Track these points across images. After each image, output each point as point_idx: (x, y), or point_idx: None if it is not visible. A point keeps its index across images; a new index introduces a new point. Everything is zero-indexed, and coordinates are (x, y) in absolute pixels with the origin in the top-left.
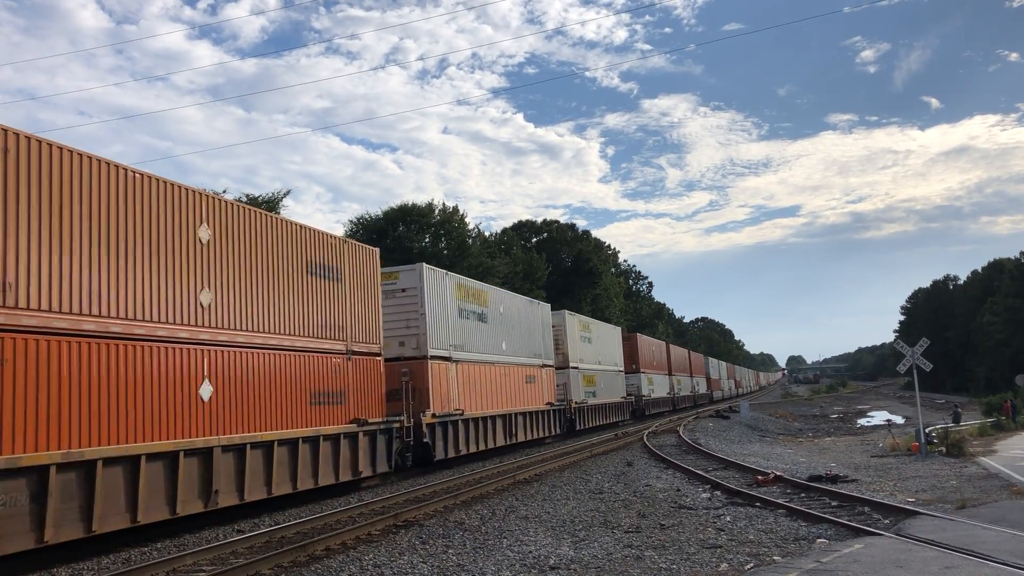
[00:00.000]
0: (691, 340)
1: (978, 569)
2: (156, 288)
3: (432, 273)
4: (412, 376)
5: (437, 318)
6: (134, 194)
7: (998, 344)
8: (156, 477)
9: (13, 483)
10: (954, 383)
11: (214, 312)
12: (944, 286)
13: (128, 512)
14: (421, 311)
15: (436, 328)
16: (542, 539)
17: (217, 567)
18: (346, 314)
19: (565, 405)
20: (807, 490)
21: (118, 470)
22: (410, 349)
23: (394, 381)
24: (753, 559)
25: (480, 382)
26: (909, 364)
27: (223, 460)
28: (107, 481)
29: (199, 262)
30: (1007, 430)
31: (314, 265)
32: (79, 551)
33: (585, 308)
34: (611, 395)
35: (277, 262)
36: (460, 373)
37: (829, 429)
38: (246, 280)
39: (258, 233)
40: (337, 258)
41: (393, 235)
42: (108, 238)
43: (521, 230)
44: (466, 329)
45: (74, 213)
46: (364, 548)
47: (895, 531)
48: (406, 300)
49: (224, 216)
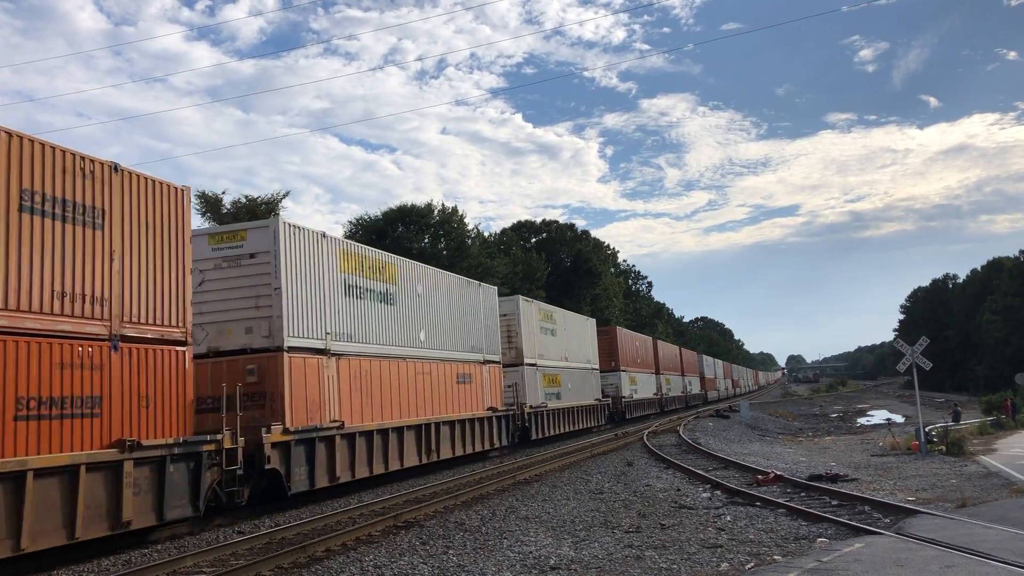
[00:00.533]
0: (691, 340)
1: (979, 568)
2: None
3: (297, 234)
4: (261, 375)
5: (305, 296)
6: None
7: (997, 343)
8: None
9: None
10: (954, 382)
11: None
12: (943, 285)
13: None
14: (276, 285)
15: (302, 309)
16: (542, 539)
17: (217, 568)
18: (111, 279)
19: (514, 411)
20: (807, 489)
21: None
22: (259, 338)
23: (238, 383)
24: (753, 559)
25: (381, 384)
26: (909, 363)
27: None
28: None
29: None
30: (1007, 429)
31: (39, 197)
32: (81, 553)
33: (584, 308)
34: (581, 397)
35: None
36: (345, 372)
37: (829, 428)
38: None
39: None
40: (95, 192)
41: (392, 236)
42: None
43: (520, 230)
44: (358, 313)
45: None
46: (364, 549)
47: (895, 530)
48: (255, 270)
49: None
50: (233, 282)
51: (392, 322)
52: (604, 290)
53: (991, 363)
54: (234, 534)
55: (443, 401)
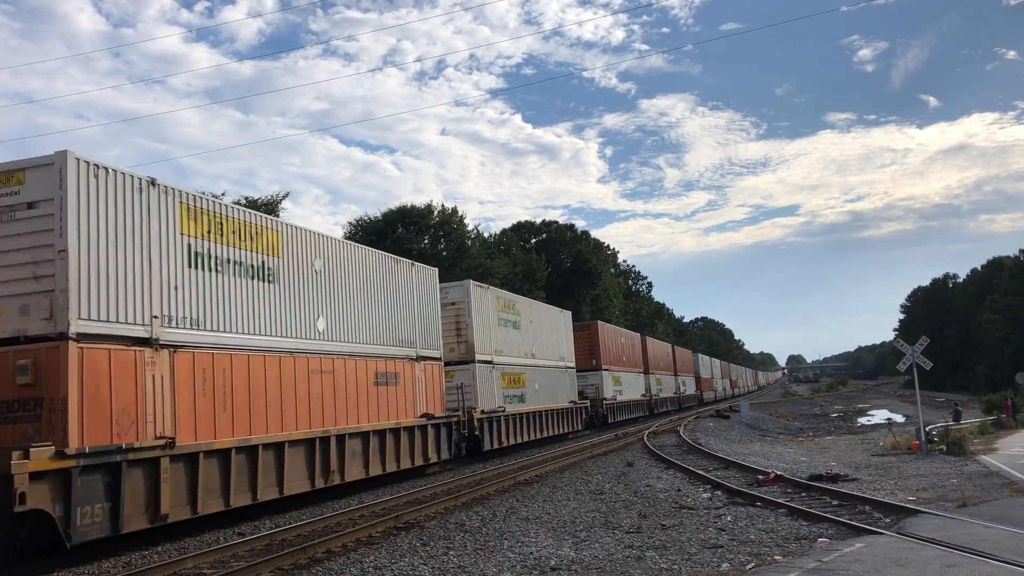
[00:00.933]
0: (691, 340)
1: (979, 567)
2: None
3: (104, 177)
4: (37, 374)
5: (114, 263)
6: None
7: (998, 342)
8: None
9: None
10: (954, 381)
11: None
12: (943, 284)
13: None
14: (61, 247)
15: (106, 282)
16: (543, 540)
17: (218, 570)
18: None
19: (458, 417)
20: (808, 489)
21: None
22: (38, 321)
23: None
24: (754, 559)
25: (250, 387)
26: (909, 363)
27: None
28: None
29: None
30: (1007, 428)
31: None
32: (81, 555)
33: (585, 309)
34: (553, 399)
35: None
36: (185, 370)
37: (829, 428)
38: None
39: None
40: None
41: (392, 236)
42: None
43: (520, 231)
44: (212, 290)
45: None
46: (365, 550)
47: (896, 530)
48: (33, 225)
49: None
50: (4, 242)
51: (272, 305)
52: (604, 291)
53: (991, 362)
54: (234, 535)
55: (354, 407)
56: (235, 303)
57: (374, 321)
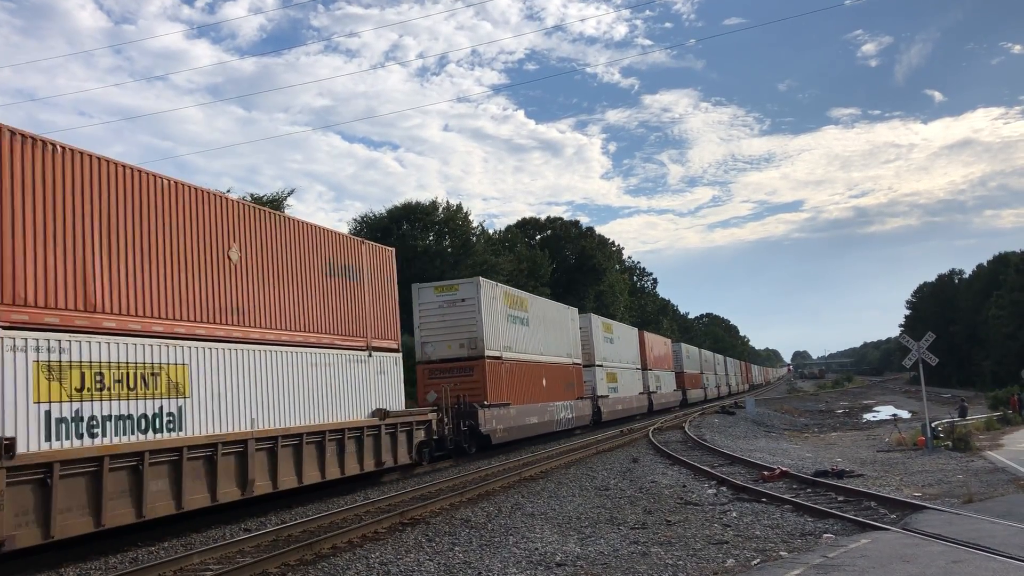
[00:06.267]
0: (696, 336)
1: (985, 563)
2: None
3: None
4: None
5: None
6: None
7: (1004, 338)
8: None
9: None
10: (960, 377)
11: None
12: (949, 280)
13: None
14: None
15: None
16: (548, 536)
17: (224, 566)
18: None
19: None
20: (813, 485)
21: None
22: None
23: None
24: (759, 555)
25: None
26: (915, 359)
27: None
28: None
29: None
30: (1014, 424)
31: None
32: (89, 551)
33: (589, 305)
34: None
35: None
36: None
37: (835, 424)
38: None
39: None
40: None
41: (397, 233)
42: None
43: (525, 227)
44: None
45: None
46: (371, 546)
47: (902, 526)
48: None
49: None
50: None
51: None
52: (609, 287)
53: (997, 358)
54: (240, 531)
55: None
56: None
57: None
